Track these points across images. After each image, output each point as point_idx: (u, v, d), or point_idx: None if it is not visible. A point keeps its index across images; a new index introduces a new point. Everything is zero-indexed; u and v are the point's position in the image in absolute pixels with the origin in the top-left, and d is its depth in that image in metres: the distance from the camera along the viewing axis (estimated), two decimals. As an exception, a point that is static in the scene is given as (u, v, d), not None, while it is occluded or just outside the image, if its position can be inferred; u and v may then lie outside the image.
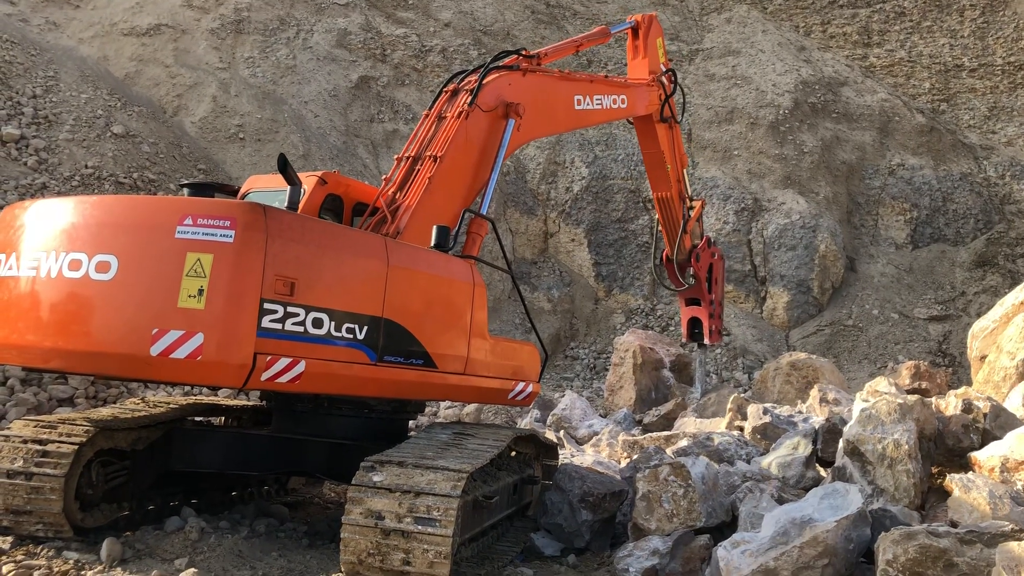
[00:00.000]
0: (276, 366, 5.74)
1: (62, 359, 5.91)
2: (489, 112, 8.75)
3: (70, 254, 5.89)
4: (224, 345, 5.54)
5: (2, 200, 16.19)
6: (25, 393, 11.68)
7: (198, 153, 22.73)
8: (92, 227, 5.96)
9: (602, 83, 11.18)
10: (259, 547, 6.90)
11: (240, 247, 5.64)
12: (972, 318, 22.16)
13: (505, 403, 8.76)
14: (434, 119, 8.79)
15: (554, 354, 24.49)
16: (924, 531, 5.65)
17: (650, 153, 13.17)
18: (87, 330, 5.73)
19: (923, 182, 28.81)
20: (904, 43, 33.24)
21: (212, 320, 5.52)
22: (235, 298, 5.59)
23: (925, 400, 7.82)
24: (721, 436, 9.82)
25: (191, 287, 5.56)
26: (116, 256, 5.75)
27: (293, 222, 6.11)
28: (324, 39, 27.81)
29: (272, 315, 5.72)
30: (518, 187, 27.61)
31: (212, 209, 5.79)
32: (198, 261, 5.60)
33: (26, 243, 6.19)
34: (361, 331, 6.41)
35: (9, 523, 6.44)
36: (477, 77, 8.91)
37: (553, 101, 10.04)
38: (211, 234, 5.65)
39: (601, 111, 11.00)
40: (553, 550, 7.96)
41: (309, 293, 5.99)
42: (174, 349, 5.50)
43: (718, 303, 14.94)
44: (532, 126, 9.44)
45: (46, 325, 5.88)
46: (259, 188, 8.36)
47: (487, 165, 8.73)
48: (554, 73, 10.17)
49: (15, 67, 20.53)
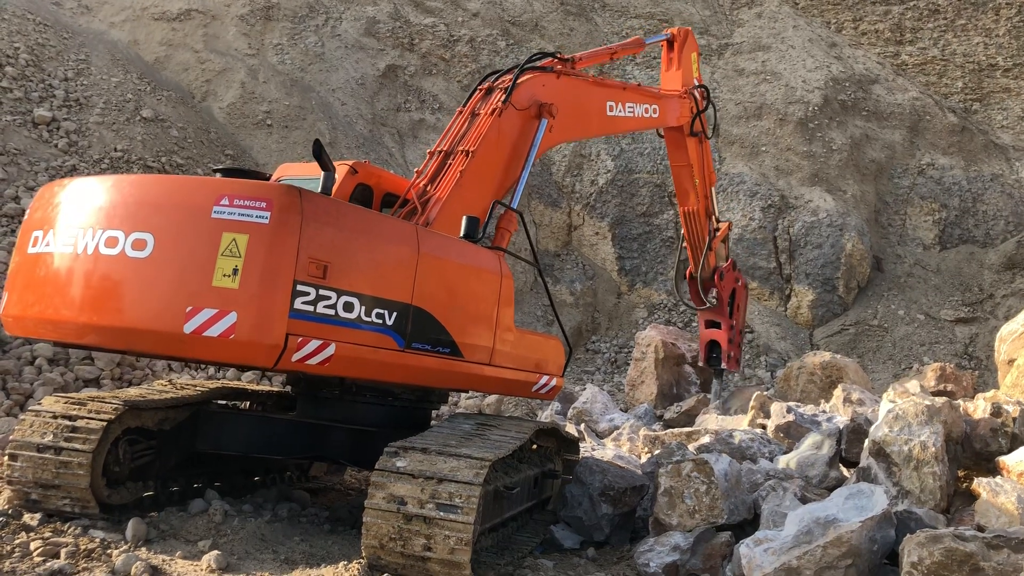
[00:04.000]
0: (307, 348, 5.78)
1: (96, 335, 5.97)
2: (522, 111, 8.79)
3: (107, 231, 5.94)
4: (257, 325, 5.58)
5: (33, 181, 16.37)
6: (52, 373, 11.84)
7: (226, 139, 22.87)
8: (130, 205, 6.01)
9: (635, 91, 11.19)
10: (281, 531, 6.95)
11: (276, 228, 5.68)
12: (1000, 321, 21.91)
13: (528, 396, 8.77)
14: (468, 115, 8.82)
15: (575, 347, 24.47)
16: (950, 534, 5.59)
17: (678, 166, 13.21)
18: (122, 307, 5.78)
19: (953, 182, 28.45)
20: (937, 41, 32.81)
21: (246, 300, 5.57)
22: (269, 278, 5.64)
23: (953, 402, 7.74)
24: (744, 433, 9.78)
25: (226, 266, 5.60)
26: (153, 234, 5.80)
27: (328, 206, 6.15)
28: (353, 27, 27.86)
29: (304, 297, 5.76)
30: (543, 179, 27.56)
31: (249, 190, 5.83)
32: (233, 241, 5.64)
33: (63, 220, 6.25)
34: (390, 317, 6.44)
35: (38, 496, 6.53)
36: (512, 76, 8.94)
37: (586, 105, 10.07)
38: (247, 215, 5.70)
39: (633, 119, 11.04)
40: (573, 543, 7.96)
41: (341, 277, 6.02)
42: (207, 327, 5.55)
43: (739, 330, 14.74)
44: (564, 128, 9.47)
45: (81, 301, 5.95)
46: (290, 175, 8.41)
47: (518, 163, 8.76)
48: (588, 78, 10.18)
49: (47, 50, 20.73)
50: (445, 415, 12.70)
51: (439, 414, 11.77)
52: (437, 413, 11.35)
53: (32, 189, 15.97)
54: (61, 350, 12.09)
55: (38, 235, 6.39)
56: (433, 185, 8.20)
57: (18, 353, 12.02)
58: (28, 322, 6.33)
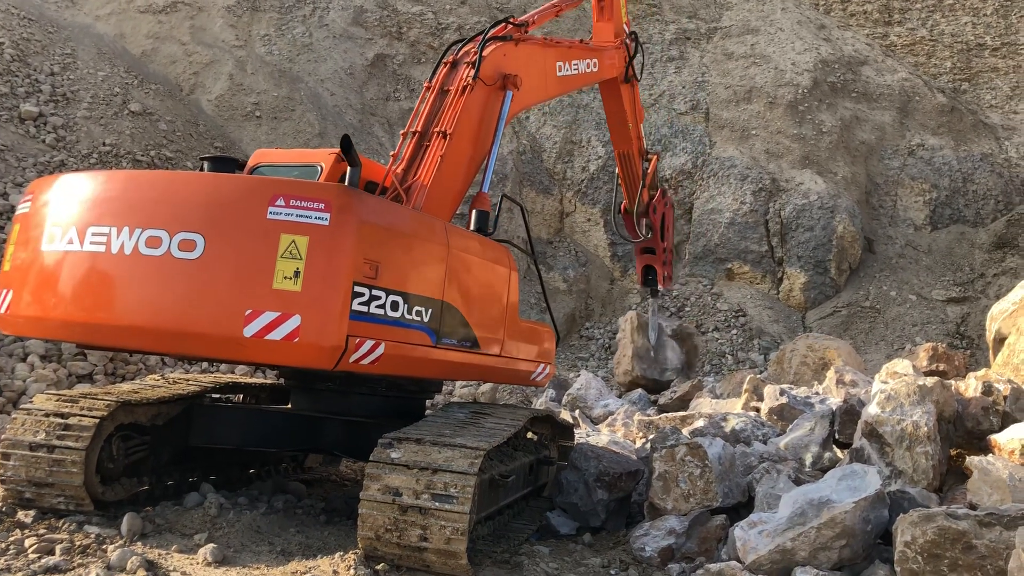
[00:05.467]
0: (362, 348, 5.77)
1: (139, 338, 5.83)
2: (491, 85, 8.69)
3: (148, 230, 5.77)
4: (321, 327, 5.55)
5: (21, 177, 16.28)
6: (45, 369, 11.80)
7: (215, 131, 22.75)
8: (174, 204, 5.83)
9: (578, 48, 11.08)
10: (277, 523, 6.95)
11: (335, 229, 5.63)
12: (991, 300, 21.98)
13: (528, 384, 8.88)
14: (436, 92, 8.69)
15: (569, 334, 24.50)
16: (943, 513, 5.63)
17: (614, 112, 13.34)
18: (170, 310, 5.64)
19: (943, 163, 28.49)
20: (925, 21, 32.81)
21: (309, 302, 5.52)
22: (331, 280, 5.60)
23: (944, 382, 7.78)
24: (737, 417, 9.80)
25: (287, 269, 5.55)
26: (202, 235, 5.67)
27: (378, 205, 6.15)
28: (340, 17, 27.71)
29: (360, 298, 5.74)
30: (534, 166, 27.51)
31: (305, 191, 5.76)
32: (293, 243, 5.58)
33: (89, 217, 6.02)
34: (427, 314, 6.47)
35: (32, 495, 6.51)
36: (475, 48, 8.74)
37: (542, 69, 9.95)
38: (306, 216, 5.63)
39: (578, 76, 10.93)
40: (569, 529, 7.99)
41: (389, 276, 6.02)
42: (269, 331, 5.49)
43: (669, 250, 15.55)
44: (525, 95, 9.35)
45: (121, 303, 5.77)
46: (267, 162, 8.28)
47: (487, 138, 8.68)
48: (539, 40, 10.06)
49: (33, 44, 20.58)
50: (440, 404, 12.72)
51: (433, 403, 11.77)
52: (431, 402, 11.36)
53: (20, 185, 15.87)
54: (52, 345, 12.05)
55: (55, 232, 6.14)
56: (413, 170, 8.13)
57: (10, 350, 11.98)
58: (49, 324, 6.13)
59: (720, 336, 24.24)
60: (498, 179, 25.39)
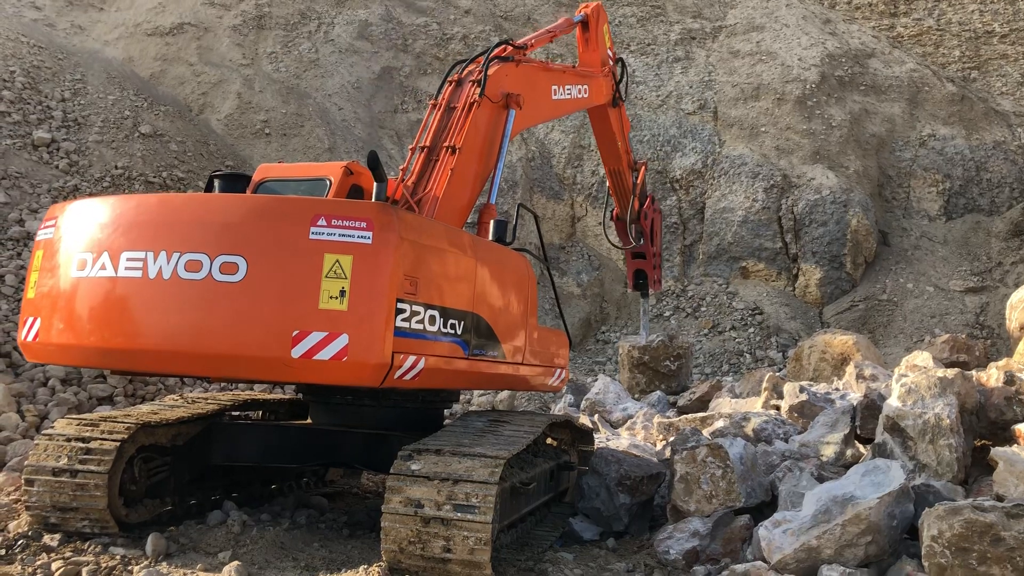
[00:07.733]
0: (405, 364, 5.81)
1: (184, 364, 5.84)
2: (496, 103, 8.84)
3: (186, 254, 5.75)
4: (368, 345, 5.57)
5: (36, 203, 16.43)
6: (66, 393, 11.89)
7: (225, 150, 22.90)
8: (212, 226, 5.82)
9: (571, 73, 11.37)
10: (301, 538, 6.97)
11: (378, 248, 5.67)
12: (1010, 288, 21.79)
13: (546, 389, 8.96)
14: (443, 109, 8.82)
15: (585, 339, 24.45)
16: (969, 506, 5.57)
17: (602, 133, 13.71)
18: (216, 334, 5.64)
19: (955, 152, 28.29)
20: (932, 11, 32.63)
21: (356, 321, 5.55)
22: (377, 298, 5.62)
23: (965, 373, 7.71)
24: (757, 416, 9.76)
25: (332, 288, 5.57)
26: (244, 257, 5.68)
27: (415, 222, 6.20)
28: (345, 31, 27.85)
29: (402, 314, 5.78)
30: (544, 172, 27.53)
31: (346, 210, 5.79)
32: (337, 262, 5.61)
33: (122, 243, 5.98)
34: (459, 326, 6.53)
35: (56, 520, 6.55)
36: (479, 67, 8.89)
37: (540, 91, 10.21)
38: (348, 235, 5.65)
39: (570, 100, 11.20)
40: (592, 534, 7.96)
41: (426, 291, 6.06)
42: (318, 351, 5.51)
43: (658, 254, 16.14)
44: (524, 116, 9.55)
45: (162, 329, 5.74)
46: (273, 177, 8.29)
47: (493, 154, 8.84)
48: (537, 63, 10.27)
49: (43, 71, 20.79)
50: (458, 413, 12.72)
51: (451, 412, 11.77)
52: (449, 412, 11.36)
53: (36, 211, 16.02)
54: (73, 369, 12.13)
55: (85, 257, 6.08)
56: (423, 183, 8.21)
57: (31, 375, 12.08)
58: (83, 352, 6.08)
59: (737, 335, 24.15)
60: (508, 186, 25.43)
